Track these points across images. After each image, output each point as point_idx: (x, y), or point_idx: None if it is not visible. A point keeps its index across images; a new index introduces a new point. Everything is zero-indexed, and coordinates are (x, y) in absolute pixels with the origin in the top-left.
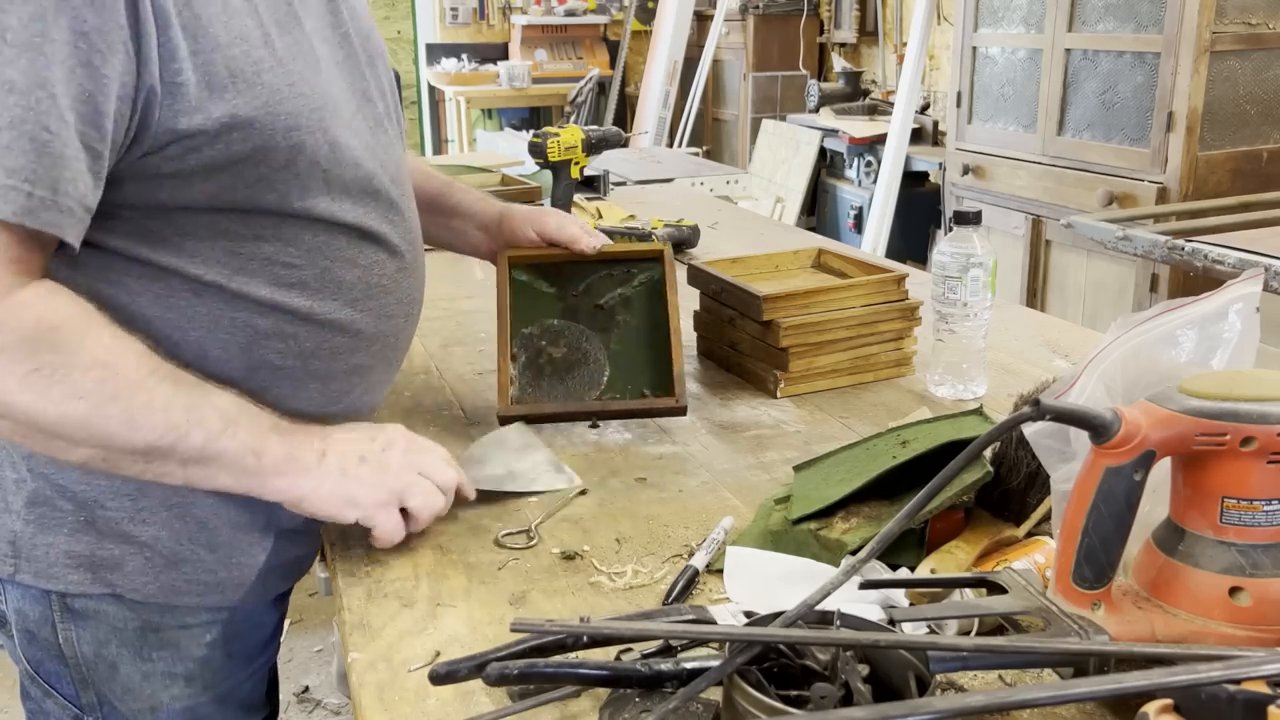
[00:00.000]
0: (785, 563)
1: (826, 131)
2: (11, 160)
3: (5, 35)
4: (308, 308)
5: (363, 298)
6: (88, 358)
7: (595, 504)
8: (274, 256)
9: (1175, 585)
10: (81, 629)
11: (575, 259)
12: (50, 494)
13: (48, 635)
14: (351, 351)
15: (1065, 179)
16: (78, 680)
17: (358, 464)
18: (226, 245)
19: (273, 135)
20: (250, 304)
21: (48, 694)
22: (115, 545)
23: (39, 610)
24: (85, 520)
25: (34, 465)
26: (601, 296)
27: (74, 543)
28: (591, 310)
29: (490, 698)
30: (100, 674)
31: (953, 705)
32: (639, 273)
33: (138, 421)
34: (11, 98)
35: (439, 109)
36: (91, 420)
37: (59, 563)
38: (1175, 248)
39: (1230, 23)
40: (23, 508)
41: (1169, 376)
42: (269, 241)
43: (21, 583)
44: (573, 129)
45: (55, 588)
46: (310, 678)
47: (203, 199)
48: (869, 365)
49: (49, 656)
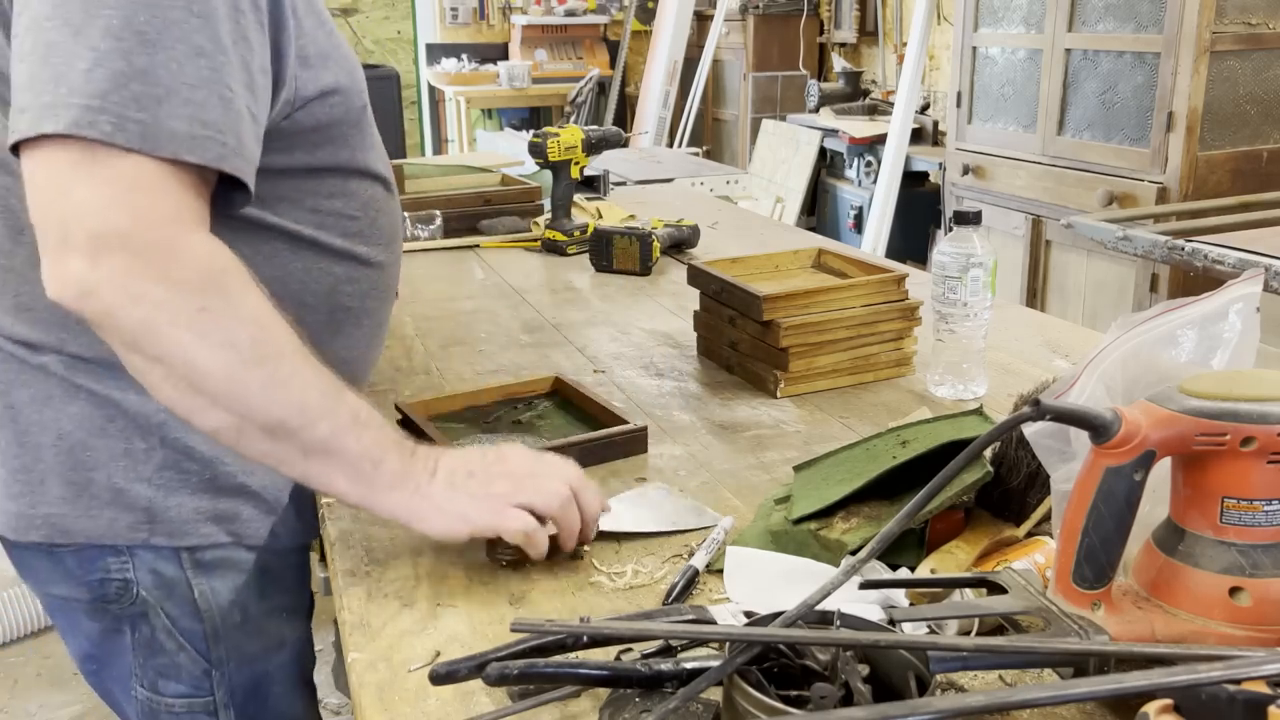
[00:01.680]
0: (785, 563)
1: (826, 131)
2: (206, 114)
3: (191, 6)
4: (366, 253)
5: (390, 241)
6: (248, 311)
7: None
8: (342, 210)
9: (1175, 585)
10: (213, 580)
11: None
12: (177, 457)
13: (184, 592)
14: (388, 289)
15: (1065, 179)
16: (210, 634)
17: (466, 478)
18: (310, 203)
19: (350, 98)
20: (330, 254)
21: (181, 648)
22: (233, 498)
23: (173, 568)
24: (209, 478)
25: (165, 433)
26: (516, 415)
27: (199, 500)
28: (510, 425)
29: (490, 698)
30: (233, 620)
31: (953, 705)
32: (541, 401)
33: (275, 392)
34: (201, 60)
35: (439, 109)
36: (235, 376)
37: (190, 519)
38: (1175, 248)
39: (1230, 23)
40: (153, 473)
41: (1169, 376)
42: (338, 198)
43: (155, 545)
44: (573, 129)
45: (187, 543)
46: None
47: (297, 162)
48: (869, 365)
49: (184, 613)
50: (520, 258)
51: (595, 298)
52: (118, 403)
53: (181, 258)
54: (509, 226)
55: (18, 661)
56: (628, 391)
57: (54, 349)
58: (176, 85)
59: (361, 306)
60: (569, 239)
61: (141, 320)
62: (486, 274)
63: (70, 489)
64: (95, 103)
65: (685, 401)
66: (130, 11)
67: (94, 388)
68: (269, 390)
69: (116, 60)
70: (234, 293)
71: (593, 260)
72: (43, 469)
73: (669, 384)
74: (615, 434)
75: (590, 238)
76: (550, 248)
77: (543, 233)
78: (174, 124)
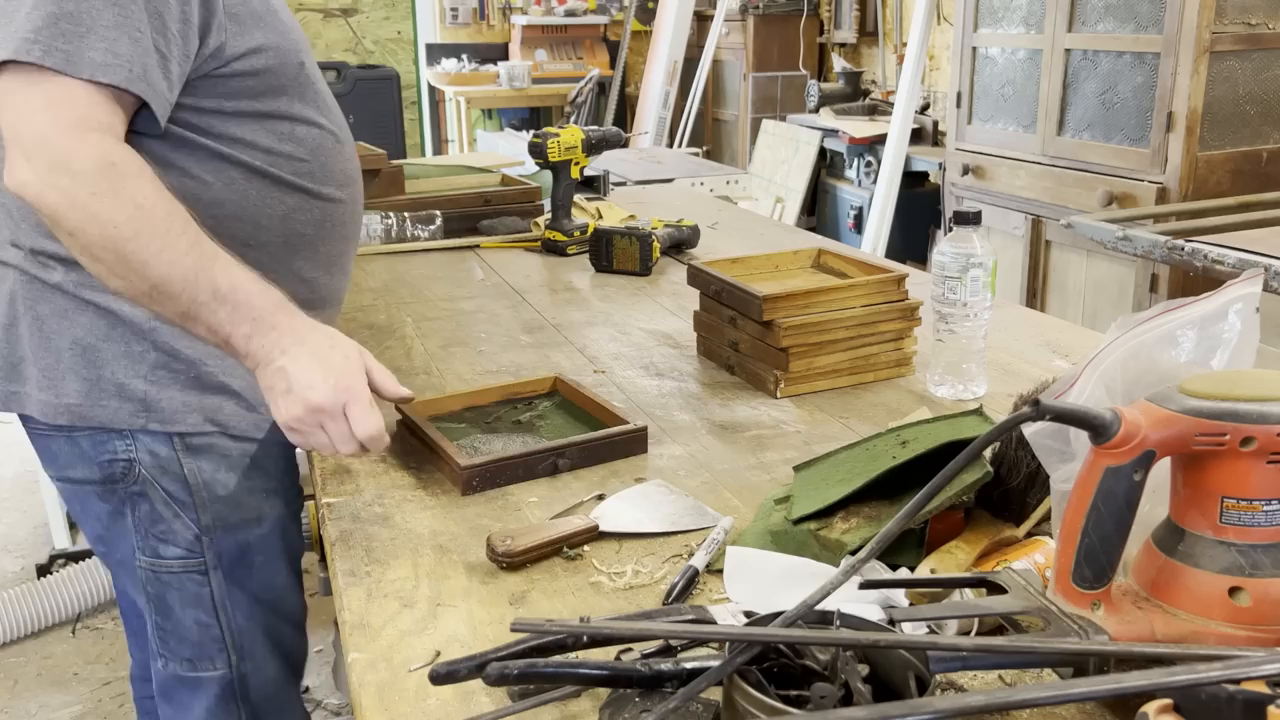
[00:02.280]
0: (785, 562)
1: (826, 131)
2: (118, 48)
3: None
4: (316, 189)
5: (343, 183)
6: (129, 195)
7: (595, 504)
8: (292, 153)
9: (1175, 585)
10: (200, 460)
11: (474, 405)
12: (167, 358)
13: (175, 469)
14: (345, 224)
15: (1065, 179)
16: (198, 504)
17: (284, 393)
18: (264, 143)
19: (284, 55)
20: (283, 185)
21: (176, 515)
22: (215, 395)
23: (166, 449)
24: (194, 376)
25: (155, 338)
26: (516, 416)
27: (187, 395)
28: (511, 425)
29: (490, 698)
30: (216, 493)
31: (953, 705)
32: (541, 401)
33: (146, 264)
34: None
35: (439, 109)
36: (116, 249)
37: (179, 410)
38: (1175, 248)
39: (1230, 23)
40: (148, 371)
41: (1169, 376)
42: (287, 142)
43: (151, 430)
44: (573, 129)
45: (177, 430)
46: (310, 678)
47: (245, 108)
48: (869, 365)
49: (177, 487)
50: (520, 258)
51: (595, 298)
52: (116, 312)
53: (82, 152)
54: (509, 227)
55: (18, 661)
56: (628, 391)
57: (61, 260)
58: (94, 25)
59: (316, 234)
60: (569, 239)
61: (55, 204)
62: (486, 274)
63: (84, 384)
64: (31, 35)
65: (685, 401)
66: None
67: (98, 300)
68: (142, 259)
69: (50, 5)
70: (121, 181)
71: (593, 260)
72: (63, 367)
73: (669, 384)
74: (615, 434)
75: (590, 238)
76: (550, 248)
77: (543, 233)
78: (91, 54)
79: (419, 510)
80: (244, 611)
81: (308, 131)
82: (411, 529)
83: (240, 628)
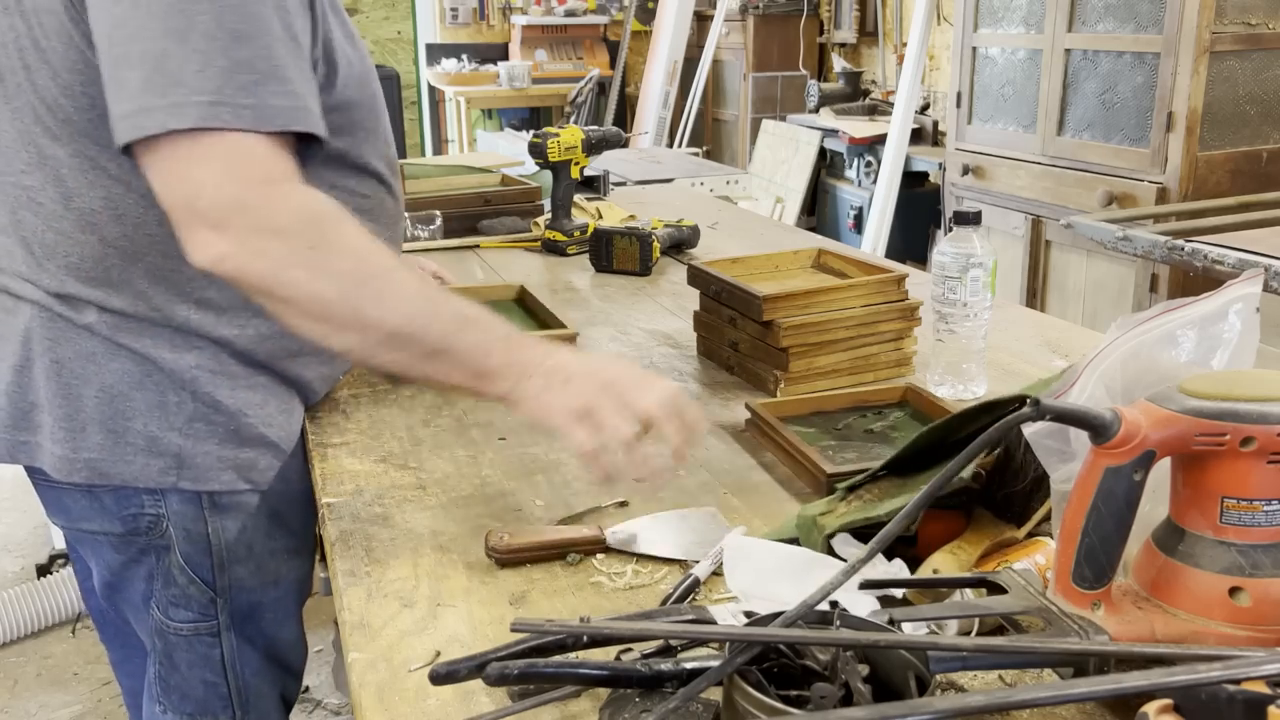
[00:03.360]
0: (785, 552)
1: (826, 131)
2: (298, 88)
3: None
4: (373, 229)
5: (392, 222)
6: (347, 243)
7: (598, 502)
8: (356, 189)
9: (1175, 585)
10: (226, 520)
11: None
12: (206, 410)
13: (200, 530)
14: None
15: (1065, 179)
16: (216, 566)
17: (561, 384)
18: (330, 180)
19: (366, 84)
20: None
21: (192, 581)
22: (252, 448)
23: (193, 510)
24: (233, 430)
25: (198, 387)
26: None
27: (223, 450)
28: (863, 434)
29: (490, 698)
30: (238, 555)
31: (953, 705)
32: (892, 410)
33: (385, 306)
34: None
35: (439, 109)
36: (348, 299)
37: (214, 467)
38: (1175, 248)
39: (1230, 23)
40: (184, 424)
41: (1169, 376)
42: (353, 176)
43: (181, 489)
44: (573, 129)
45: (209, 488)
46: (310, 678)
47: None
48: (869, 365)
49: (197, 550)
50: (520, 258)
51: (595, 298)
52: (155, 360)
53: (285, 209)
54: (509, 227)
55: (18, 661)
56: None
57: (99, 304)
58: (273, 69)
59: None
60: (569, 239)
61: (265, 270)
62: (487, 274)
63: (109, 436)
64: (213, 98)
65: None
66: (220, 13)
67: (134, 346)
68: (380, 305)
69: (220, 58)
70: (332, 230)
71: (593, 260)
72: (84, 417)
73: None
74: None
75: (590, 238)
76: (550, 248)
77: (543, 233)
78: (276, 101)
79: (419, 510)
80: (253, 669)
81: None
82: (411, 529)
83: (248, 684)
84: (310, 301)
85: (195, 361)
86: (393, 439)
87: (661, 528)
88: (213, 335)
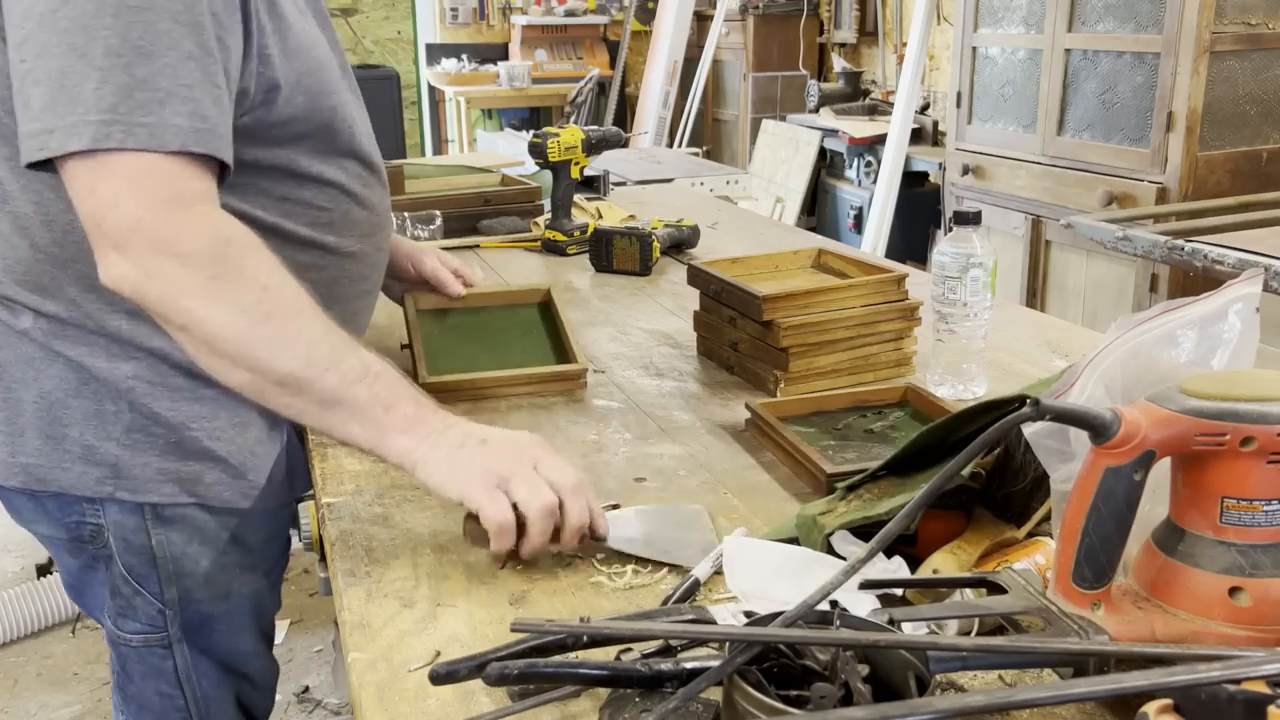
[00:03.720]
0: (784, 552)
1: (826, 131)
2: (203, 110)
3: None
4: (335, 242)
5: (369, 233)
6: (253, 275)
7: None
8: (312, 201)
9: (1175, 585)
10: (171, 533)
11: (821, 409)
12: (145, 422)
13: (142, 541)
14: (361, 279)
15: (1065, 179)
16: (164, 578)
17: (477, 444)
18: (280, 193)
19: (318, 97)
20: (295, 242)
21: (137, 592)
22: (197, 462)
23: (134, 520)
24: (174, 442)
25: (135, 398)
26: (868, 424)
27: (164, 462)
28: (863, 434)
29: (490, 698)
30: (186, 569)
31: (953, 705)
32: (892, 411)
33: (283, 348)
34: (193, 64)
35: (439, 109)
36: (244, 337)
37: (153, 479)
38: (1175, 248)
39: (1230, 23)
40: (121, 434)
41: (1169, 376)
42: (309, 188)
43: (119, 499)
44: (573, 129)
45: (149, 500)
46: (310, 678)
47: (268, 154)
48: (869, 365)
49: (141, 561)
50: (520, 258)
51: (595, 298)
52: (89, 368)
53: (188, 234)
54: (509, 227)
55: (18, 661)
56: (627, 391)
57: (34, 310)
58: (175, 87)
59: (330, 293)
60: (569, 239)
61: (160, 294)
62: (487, 274)
63: (47, 442)
64: (107, 116)
65: (685, 401)
66: (125, 29)
67: (69, 353)
68: (277, 346)
69: (120, 75)
70: (240, 260)
71: (593, 260)
72: (23, 422)
73: (669, 384)
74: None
75: (590, 238)
76: (550, 248)
77: (543, 233)
78: (177, 121)
79: (419, 510)
80: (211, 680)
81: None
82: (411, 529)
83: (207, 696)
84: (204, 332)
85: (132, 371)
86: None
87: (647, 525)
88: (148, 346)
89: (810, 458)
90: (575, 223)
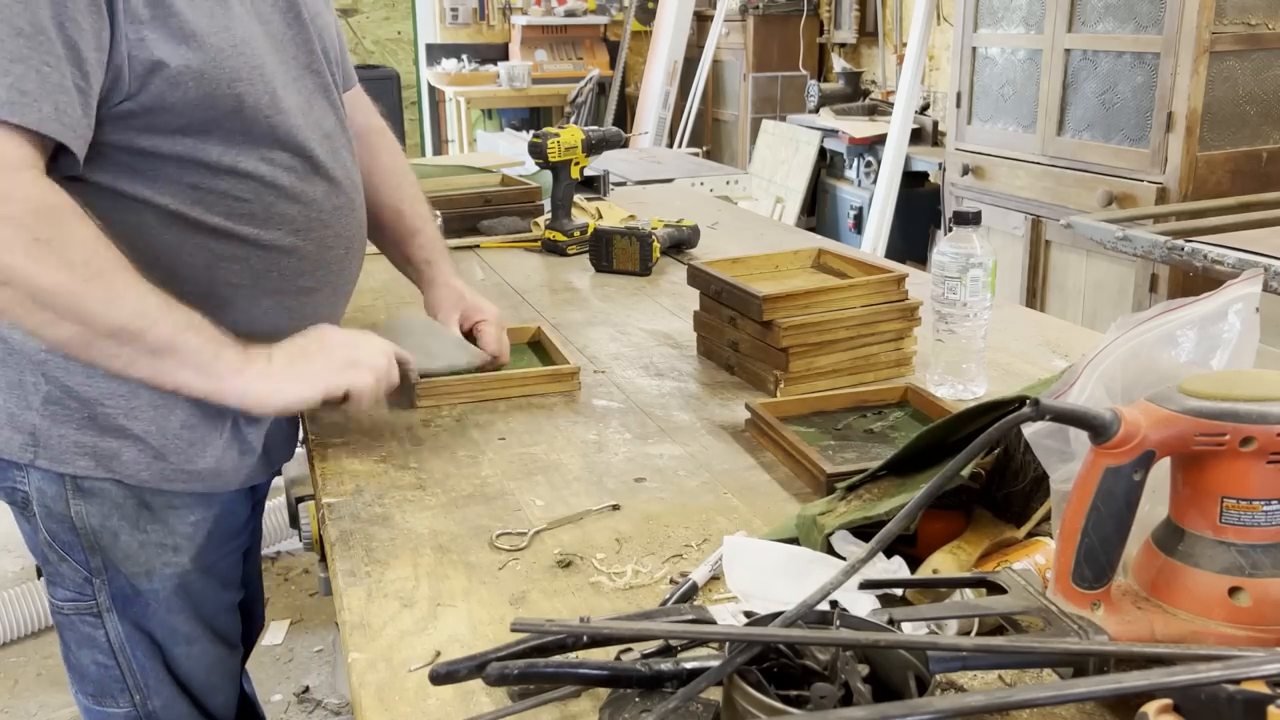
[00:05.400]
0: (784, 552)
1: (826, 132)
2: (24, 84)
3: None
4: (255, 235)
5: (304, 229)
6: (80, 237)
7: (595, 504)
8: (228, 191)
9: (1175, 585)
10: (89, 505)
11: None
12: (60, 394)
13: (62, 510)
14: (298, 274)
15: (1065, 179)
16: (87, 547)
17: (303, 356)
18: (190, 181)
19: (217, 85)
20: (208, 231)
21: (62, 559)
22: (114, 439)
23: (55, 489)
24: (89, 416)
25: (48, 370)
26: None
27: (81, 435)
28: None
29: (490, 698)
30: (105, 541)
31: (953, 705)
32: (892, 411)
33: (115, 301)
34: (20, 39)
35: (439, 109)
36: (75, 291)
37: (70, 451)
38: (1175, 248)
39: (1230, 23)
40: (40, 405)
41: (1169, 376)
42: (223, 179)
43: (40, 467)
44: (573, 129)
45: (67, 471)
46: (310, 678)
47: (168, 143)
48: (869, 365)
49: (63, 529)
50: (520, 258)
51: (595, 298)
52: (7, 340)
53: (12, 197)
54: (509, 227)
55: (18, 661)
56: (627, 391)
57: None
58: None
59: (255, 285)
60: (569, 239)
61: None
62: (487, 274)
63: None
64: None
65: (685, 401)
66: None
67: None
68: (108, 299)
69: None
70: (67, 223)
71: (593, 260)
72: None
73: (669, 384)
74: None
75: (590, 238)
76: (550, 248)
77: (543, 233)
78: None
79: (419, 510)
80: (145, 652)
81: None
82: (411, 529)
83: (143, 666)
84: (30, 287)
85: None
86: (393, 439)
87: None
88: None
89: (810, 458)
90: (575, 223)
